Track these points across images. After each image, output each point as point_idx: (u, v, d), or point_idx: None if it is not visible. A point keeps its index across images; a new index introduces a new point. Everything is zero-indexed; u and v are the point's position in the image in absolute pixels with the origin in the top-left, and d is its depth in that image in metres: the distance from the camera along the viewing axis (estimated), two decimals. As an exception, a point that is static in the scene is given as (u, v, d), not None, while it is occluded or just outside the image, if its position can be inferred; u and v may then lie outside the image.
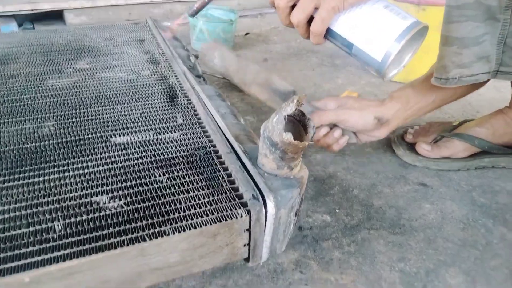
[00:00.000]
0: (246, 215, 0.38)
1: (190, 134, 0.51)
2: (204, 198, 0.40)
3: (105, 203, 0.39)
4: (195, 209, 0.39)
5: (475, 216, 0.67)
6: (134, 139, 0.50)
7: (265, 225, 0.39)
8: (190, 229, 0.36)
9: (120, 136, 0.51)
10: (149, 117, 0.55)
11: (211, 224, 0.37)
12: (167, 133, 0.52)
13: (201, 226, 0.37)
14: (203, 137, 0.51)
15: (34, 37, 0.83)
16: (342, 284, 0.56)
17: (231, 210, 0.39)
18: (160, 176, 0.43)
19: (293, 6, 0.46)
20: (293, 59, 1.24)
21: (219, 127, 0.51)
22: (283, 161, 0.40)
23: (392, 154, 0.82)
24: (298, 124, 0.41)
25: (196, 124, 0.54)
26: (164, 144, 0.49)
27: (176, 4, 1.43)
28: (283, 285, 0.55)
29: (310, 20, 0.46)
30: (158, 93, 0.61)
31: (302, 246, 0.61)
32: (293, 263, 0.58)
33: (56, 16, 1.32)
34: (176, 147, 0.49)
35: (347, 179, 0.75)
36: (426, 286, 0.55)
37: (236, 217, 0.38)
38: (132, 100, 0.59)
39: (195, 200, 0.40)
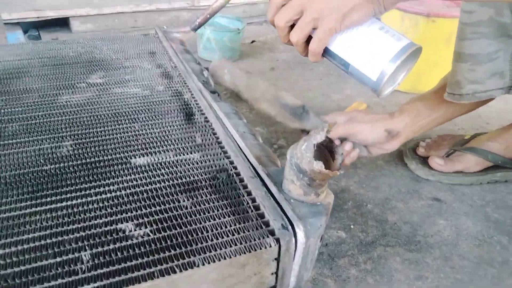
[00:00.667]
0: (275, 244, 0.38)
1: (211, 155, 0.51)
2: (230, 226, 0.40)
3: (131, 231, 0.39)
4: (222, 237, 0.39)
5: (490, 233, 0.67)
6: (154, 160, 0.50)
7: (294, 255, 0.38)
8: (219, 259, 0.36)
9: (140, 157, 0.50)
10: (168, 136, 0.55)
11: (240, 254, 0.37)
12: (187, 154, 0.51)
13: (230, 257, 0.36)
14: (223, 159, 0.50)
15: (43, 48, 0.82)
16: (361, 303, 0.55)
17: (259, 239, 0.38)
18: (184, 201, 0.43)
19: (292, 26, 0.47)
20: (299, 68, 1.24)
21: (240, 148, 0.51)
22: (311, 187, 0.39)
23: (404, 168, 0.82)
24: (324, 149, 0.40)
25: (215, 144, 0.53)
26: (185, 166, 0.49)
27: (182, 11, 1.42)
28: (301, 305, 0.54)
29: (309, 39, 0.48)
30: (174, 111, 0.61)
31: (318, 264, 0.61)
32: (310, 281, 0.58)
33: (62, 23, 1.32)
34: (197, 169, 0.48)
35: (360, 193, 0.75)
36: (444, 305, 0.55)
37: (266, 247, 0.37)
38: (149, 118, 0.59)
39: (221, 228, 0.40)
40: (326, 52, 0.49)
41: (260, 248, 0.37)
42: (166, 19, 1.41)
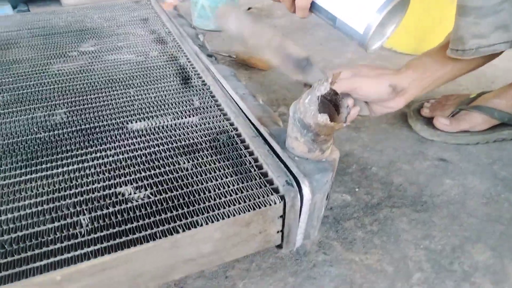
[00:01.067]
0: (280, 201, 0.36)
1: (210, 118, 0.49)
2: (233, 185, 0.39)
3: (130, 194, 0.38)
4: (225, 197, 0.37)
5: (498, 190, 0.66)
6: (152, 124, 0.48)
7: (300, 212, 0.37)
8: (223, 218, 0.35)
9: (137, 122, 0.48)
10: (164, 101, 0.53)
11: (244, 212, 0.35)
12: (186, 118, 0.49)
13: (234, 215, 0.35)
14: (223, 121, 0.48)
15: (32, 19, 0.79)
16: (367, 264, 0.55)
17: (263, 197, 0.37)
18: (184, 163, 0.41)
19: None
20: (299, 33, 1.20)
21: (241, 109, 0.49)
22: (315, 143, 0.38)
23: (408, 130, 0.80)
24: (329, 103, 0.38)
25: (214, 106, 0.51)
26: (184, 129, 0.47)
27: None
28: (307, 267, 0.54)
29: None
30: (170, 75, 0.59)
31: (324, 227, 0.60)
32: (316, 244, 0.57)
33: (51, -4, 1.27)
34: (197, 132, 0.47)
35: (365, 157, 0.73)
36: (452, 263, 0.55)
37: (270, 204, 0.36)
38: (144, 83, 0.57)
39: (224, 188, 0.38)
40: (313, 6, 0.48)
41: (265, 206, 0.36)
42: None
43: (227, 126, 0.48)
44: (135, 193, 0.38)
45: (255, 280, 0.51)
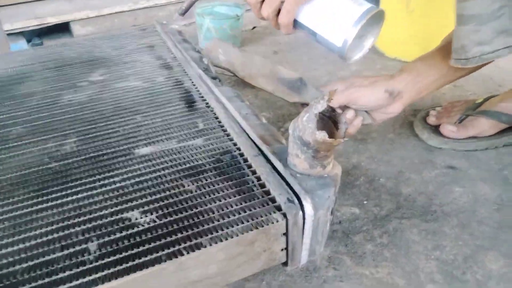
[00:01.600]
0: (282, 219, 0.37)
1: (213, 139, 0.50)
2: (236, 205, 0.40)
3: (137, 218, 0.39)
4: (228, 217, 0.38)
5: (509, 196, 0.65)
6: (158, 149, 0.49)
7: (303, 228, 0.38)
8: (226, 239, 0.36)
9: (143, 147, 0.50)
10: (170, 125, 0.54)
11: (247, 232, 0.36)
12: (190, 140, 0.51)
13: (237, 235, 0.36)
14: (227, 141, 0.50)
15: (45, 53, 0.83)
16: (378, 278, 0.54)
17: (265, 215, 0.38)
18: (189, 185, 0.43)
19: (263, 1, 0.50)
20: (303, 49, 1.22)
21: (243, 129, 0.50)
22: (316, 160, 0.38)
23: (416, 139, 0.80)
24: (327, 120, 0.39)
25: (217, 128, 0.53)
26: (188, 151, 0.48)
27: (182, 4, 1.41)
28: (317, 284, 0.54)
29: (280, 12, 0.50)
30: (175, 99, 0.61)
31: (333, 241, 0.60)
32: (326, 259, 0.57)
33: (63, 29, 1.32)
34: (201, 154, 0.48)
35: (372, 168, 0.73)
36: (465, 273, 0.54)
37: (273, 223, 0.37)
38: (150, 109, 0.59)
39: (227, 208, 0.39)
40: (295, 23, 0.51)
41: (267, 224, 0.37)
42: (166, 14, 1.40)
43: (230, 146, 0.49)
44: (141, 217, 0.39)
45: (265, 299, 0.52)
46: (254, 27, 1.39)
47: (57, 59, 0.79)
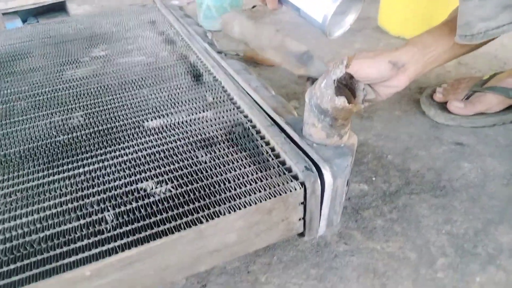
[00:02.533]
0: (300, 188, 0.36)
1: (224, 112, 0.49)
2: (252, 175, 0.39)
3: (152, 188, 0.38)
4: (245, 186, 0.38)
5: (518, 171, 0.65)
6: (167, 121, 0.48)
7: (322, 197, 0.37)
8: (245, 206, 0.35)
9: (152, 120, 0.49)
10: (178, 98, 0.53)
11: (265, 200, 0.36)
12: (200, 113, 0.50)
13: (255, 203, 0.35)
14: (237, 113, 0.49)
15: (43, 29, 0.81)
16: (389, 252, 0.54)
17: (283, 184, 0.37)
18: (202, 156, 0.42)
19: None
20: (305, 27, 1.19)
21: (255, 101, 0.49)
22: (333, 129, 0.38)
23: (422, 116, 0.79)
24: (344, 88, 0.38)
25: (227, 100, 0.52)
26: (199, 124, 0.47)
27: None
28: (328, 258, 0.54)
29: None
30: (181, 73, 0.59)
31: (343, 217, 0.59)
32: (336, 235, 0.57)
33: (59, 8, 1.29)
34: (212, 126, 0.47)
35: (380, 145, 0.73)
36: (476, 246, 0.54)
37: (290, 191, 0.36)
38: (156, 82, 0.57)
39: (243, 177, 0.39)
40: None
41: (285, 192, 0.36)
42: (163, -7, 1.37)
43: (241, 118, 0.48)
44: (156, 187, 0.38)
45: (277, 274, 0.51)
46: (254, 6, 1.37)
47: (55, 35, 0.77)
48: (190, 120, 0.48)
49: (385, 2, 1.15)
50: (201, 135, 0.45)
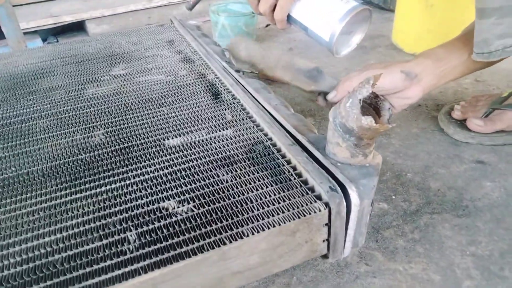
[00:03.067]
0: (324, 208, 0.36)
1: (243, 130, 0.49)
2: (274, 194, 0.38)
3: (174, 208, 0.38)
4: (268, 206, 0.37)
5: (543, 190, 0.63)
6: (188, 140, 0.48)
7: (348, 218, 0.36)
8: (268, 227, 0.34)
9: (172, 138, 0.49)
10: (197, 117, 0.53)
11: (289, 221, 0.35)
12: (219, 131, 0.50)
13: (279, 224, 0.35)
14: (257, 132, 0.49)
15: (63, 49, 0.83)
16: (413, 273, 0.53)
17: (306, 204, 0.37)
18: (223, 175, 0.42)
19: None
20: (318, 46, 1.21)
21: (275, 119, 0.49)
22: (358, 148, 0.37)
23: (441, 133, 0.78)
24: (368, 107, 0.38)
25: (246, 119, 0.52)
26: (219, 142, 0.47)
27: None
28: (349, 280, 0.52)
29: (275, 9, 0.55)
30: (200, 92, 0.60)
31: (363, 236, 0.58)
32: (357, 255, 0.56)
33: (78, 27, 1.33)
34: (232, 145, 0.47)
35: (398, 163, 0.72)
36: (503, 268, 0.52)
37: (315, 212, 0.35)
38: (176, 101, 0.58)
39: (265, 197, 0.38)
40: (289, 18, 0.55)
41: (309, 213, 0.35)
42: (179, 12, 1.40)
43: (261, 136, 0.48)
44: (178, 207, 0.38)
45: (297, 294, 0.50)
46: (267, 25, 1.38)
47: (76, 55, 0.79)
48: (210, 138, 0.48)
49: (399, 19, 1.15)
50: (221, 154, 0.45)
